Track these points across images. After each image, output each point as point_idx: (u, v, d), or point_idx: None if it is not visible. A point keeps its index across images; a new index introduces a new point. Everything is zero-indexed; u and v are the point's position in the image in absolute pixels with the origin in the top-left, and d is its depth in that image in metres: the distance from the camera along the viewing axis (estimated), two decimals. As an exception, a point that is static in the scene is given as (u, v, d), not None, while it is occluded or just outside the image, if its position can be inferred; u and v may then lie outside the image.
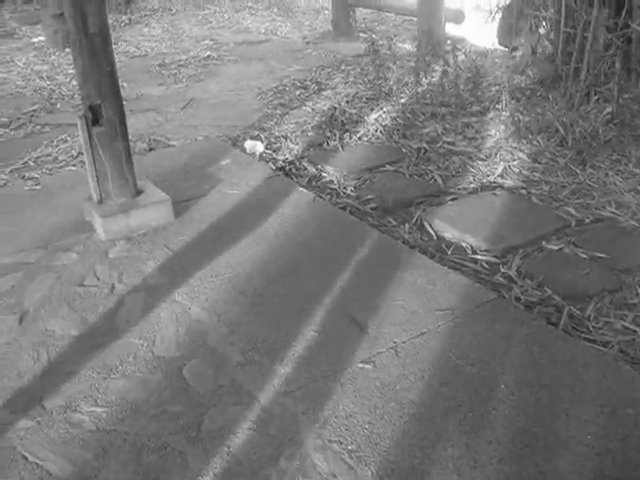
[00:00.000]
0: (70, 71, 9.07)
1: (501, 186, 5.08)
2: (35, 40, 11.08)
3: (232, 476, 2.64)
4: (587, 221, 4.56)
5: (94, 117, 4.33)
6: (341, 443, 2.76)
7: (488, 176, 5.25)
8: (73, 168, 5.80)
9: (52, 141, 6.47)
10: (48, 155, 6.16)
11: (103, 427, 2.92)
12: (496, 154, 5.61)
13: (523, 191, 5.00)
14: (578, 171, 5.24)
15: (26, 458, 2.79)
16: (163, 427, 2.90)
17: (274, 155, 5.91)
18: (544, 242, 4.29)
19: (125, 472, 2.68)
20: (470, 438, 2.76)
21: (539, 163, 5.42)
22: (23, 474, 2.71)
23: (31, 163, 6.00)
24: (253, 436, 2.82)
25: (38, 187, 5.40)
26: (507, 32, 8.15)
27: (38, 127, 7.00)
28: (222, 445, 2.79)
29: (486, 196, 4.95)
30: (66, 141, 6.44)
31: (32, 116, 7.33)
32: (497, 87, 6.88)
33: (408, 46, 9.13)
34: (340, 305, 3.66)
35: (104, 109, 4.34)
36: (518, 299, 3.77)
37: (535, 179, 5.16)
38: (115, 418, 2.96)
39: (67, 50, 10.03)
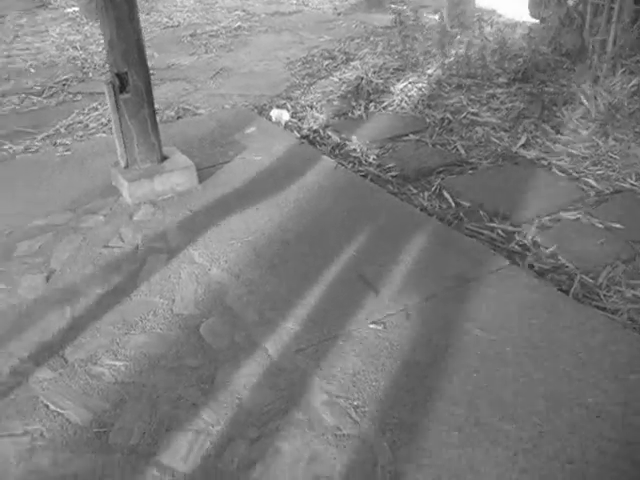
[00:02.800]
0: (102, 41, 9.18)
1: (523, 157, 5.12)
2: (69, 10, 11.20)
3: (242, 426, 2.75)
4: (606, 192, 4.60)
5: (121, 84, 4.43)
6: (347, 399, 2.86)
7: (510, 147, 5.28)
8: (103, 135, 5.93)
9: (83, 109, 6.60)
10: (79, 122, 6.29)
11: (122, 379, 3.05)
12: (520, 125, 5.64)
13: (544, 162, 5.03)
14: (600, 143, 5.26)
15: (47, 406, 2.92)
16: (178, 380, 3.02)
17: (299, 124, 6.00)
18: (561, 212, 4.34)
19: (140, 421, 2.81)
20: (472, 397, 2.84)
21: (562, 135, 5.44)
22: (44, 421, 2.84)
23: (62, 130, 6.13)
24: (263, 390, 2.93)
25: (69, 153, 5.52)
26: (538, 3, 8.13)
27: (70, 95, 7.13)
28: (233, 397, 2.90)
29: (507, 166, 5.00)
30: (97, 109, 6.57)
31: (65, 85, 7.47)
32: (524, 59, 6.87)
33: (437, 17, 9.13)
34: (356, 269, 3.76)
35: (130, 77, 4.44)
36: (531, 267, 3.84)
37: (557, 150, 5.19)
38: (133, 371, 3.09)
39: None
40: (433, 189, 4.72)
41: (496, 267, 3.71)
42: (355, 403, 2.84)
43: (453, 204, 4.53)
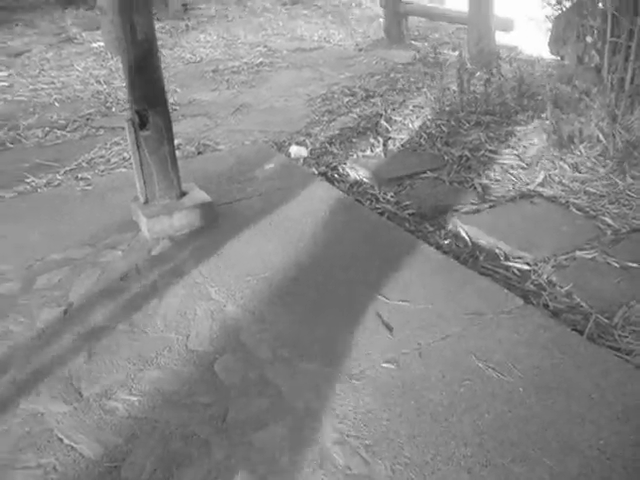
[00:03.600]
0: (126, 76, 9.31)
1: (540, 195, 5.13)
2: (94, 45, 11.37)
3: (253, 464, 2.76)
4: (623, 231, 4.58)
5: (141, 121, 4.50)
6: (358, 438, 2.87)
7: (528, 184, 5.30)
8: (124, 170, 6.00)
9: (106, 143, 6.69)
10: (101, 157, 6.38)
11: (135, 414, 3.07)
12: (537, 163, 5.66)
13: (562, 200, 5.04)
14: (618, 181, 5.26)
15: (61, 440, 2.96)
16: (191, 417, 3.04)
17: (318, 160, 6.05)
18: (578, 251, 4.34)
19: (152, 456, 2.83)
20: (483, 438, 2.84)
21: (580, 172, 5.45)
22: (58, 455, 2.88)
23: (84, 164, 6.22)
24: (275, 428, 2.95)
25: (90, 187, 5.60)
26: (557, 41, 8.16)
27: (93, 130, 7.23)
28: (245, 435, 2.92)
29: (524, 204, 5.01)
30: (119, 144, 6.65)
31: (88, 119, 7.58)
32: (542, 96, 6.90)
33: (456, 54, 9.19)
34: (371, 306, 3.77)
35: (151, 114, 4.51)
36: (546, 306, 3.84)
37: (575, 188, 5.20)
38: (147, 407, 3.12)
39: (122, 54, 10.29)
40: (449, 227, 4.73)
41: (510, 307, 3.71)
42: (366, 442, 2.85)
43: (470, 243, 4.55)
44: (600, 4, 6.90)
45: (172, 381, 3.28)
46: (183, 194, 4.84)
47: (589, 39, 7.04)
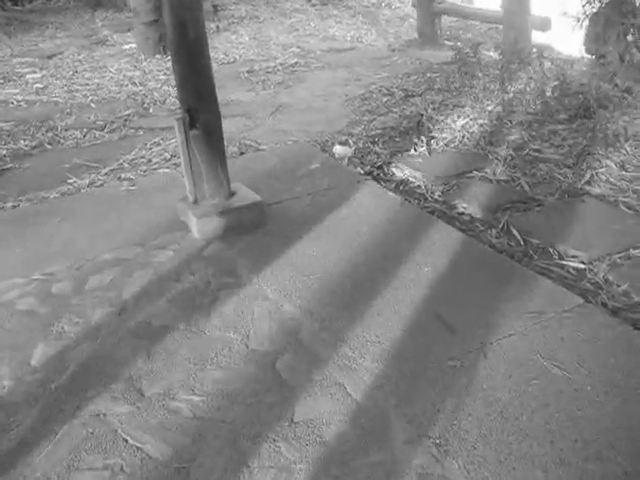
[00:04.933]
0: (161, 77, 9.34)
1: (588, 193, 5.08)
2: (126, 47, 11.38)
3: (323, 465, 2.73)
4: (676, 229, 4.54)
5: (191, 120, 4.48)
6: (429, 437, 2.84)
7: (575, 183, 5.24)
8: (166, 170, 5.99)
9: (146, 144, 6.68)
10: (142, 157, 6.37)
11: (200, 415, 3.05)
12: (583, 162, 5.60)
13: (610, 199, 4.98)
14: (667, 179, 5.21)
15: (126, 440, 2.94)
16: (257, 416, 3.02)
17: (362, 160, 6.02)
18: (632, 250, 4.28)
19: (221, 457, 2.81)
20: (555, 437, 2.80)
21: (627, 171, 5.39)
22: (124, 455, 2.86)
23: (126, 165, 6.21)
24: (344, 428, 2.92)
25: (134, 188, 5.59)
26: (594, 40, 8.10)
27: (132, 130, 7.23)
28: (314, 434, 2.89)
29: (573, 203, 4.96)
30: (159, 144, 6.64)
31: (126, 120, 7.57)
32: (584, 95, 6.84)
33: (493, 54, 9.10)
34: (430, 306, 3.74)
35: (201, 113, 4.50)
36: (604, 305, 3.79)
37: (623, 187, 5.14)
38: (211, 407, 3.10)
39: (158, 56, 10.31)
40: (500, 226, 4.69)
41: (570, 305, 3.66)
42: (437, 441, 2.81)
43: (522, 241, 4.50)
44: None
45: (234, 381, 3.25)
46: (232, 194, 4.82)
47: (630, 37, 6.98)
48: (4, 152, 6.73)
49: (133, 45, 11.24)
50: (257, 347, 3.48)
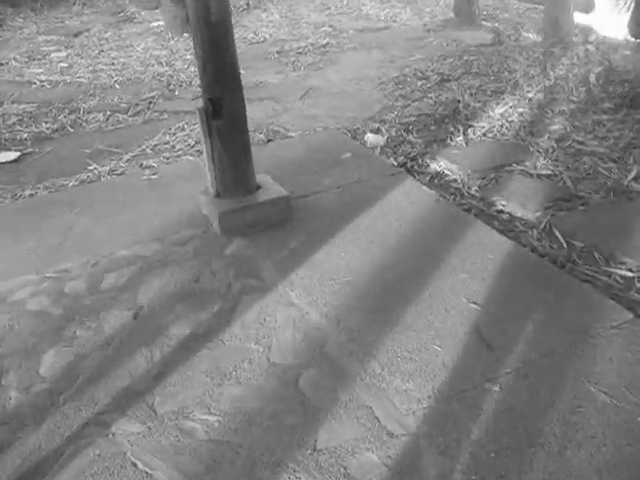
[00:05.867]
0: (188, 57, 9.10)
1: (636, 191, 4.76)
2: (154, 25, 11.15)
3: (349, 501, 2.49)
4: None
5: (214, 109, 4.22)
6: (464, 473, 2.57)
7: (621, 180, 4.92)
8: (190, 158, 5.76)
9: (170, 129, 6.46)
10: (166, 143, 6.15)
11: (215, 437, 2.82)
12: (630, 156, 5.27)
13: (660, 197, 4.67)
14: None
15: (135, 465, 2.72)
16: (277, 441, 2.77)
17: (395, 150, 5.73)
18: (685, 255, 3.99)
19: (237, 488, 2.57)
20: (603, 474, 2.54)
21: (677, 167, 5.07)
22: (133, 483, 2.63)
23: (149, 151, 5.99)
24: (371, 458, 2.66)
25: (155, 177, 5.36)
26: (639, 22, 7.75)
27: (156, 114, 7.01)
28: (338, 464, 2.64)
29: (620, 202, 4.64)
30: (184, 129, 6.42)
31: (150, 103, 7.36)
32: (630, 83, 6.50)
33: (533, 36, 8.78)
34: (466, 318, 3.46)
35: (224, 102, 4.23)
36: (656, 319, 3.50)
37: (674, 185, 4.83)
38: (228, 428, 2.86)
39: (185, 35, 10.07)
40: (542, 226, 4.39)
41: (619, 321, 3.37)
42: (473, 478, 2.55)
43: (565, 244, 4.20)
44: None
45: (254, 399, 3.01)
46: (257, 187, 4.57)
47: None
48: (25, 135, 6.56)
49: (161, 23, 11.01)
50: (279, 360, 3.23)
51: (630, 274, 3.88)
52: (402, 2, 12.17)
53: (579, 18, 8.77)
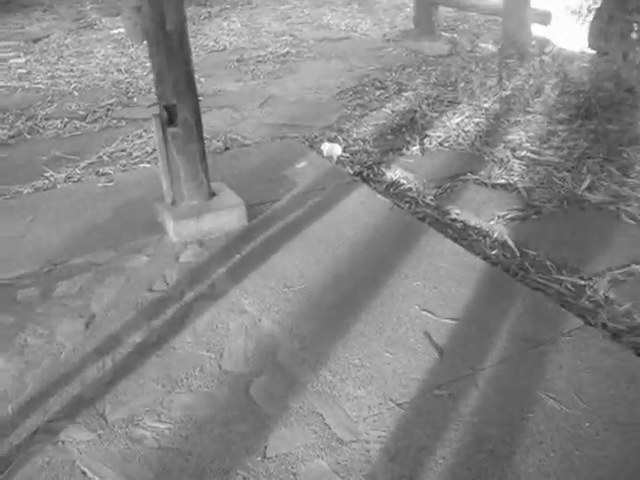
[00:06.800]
0: (148, 64, 9.01)
1: (588, 201, 4.82)
2: (114, 32, 11.09)
3: (297, 508, 2.50)
4: (681, 243, 4.29)
5: (169, 117, 4.22)
6: (412, 479, 2.59)
7: (574, 189, 4.98)
8: (147, 165, 5.74)
9: (127, 136, 6.43)
10: (123, 150, 6.12)
11: (165, 445, 2.81)
12: (583, 165, 5.34)
13: (612, 207, 4.73)
14: (672, 186, 4.96)
15: (84, 473, 2.71)
16: (227, 449, 2.77)
17: (351, 159, 5.75)
18: (634, 265, 4.04)
19: (186, 497, 2.57)
20: (551, 480, 2.58)
21: (629, 177, 5.14)
22: (81, 491, 2.62)
23: (106, 158, 5.96)
24: (321, 464, 2.67)
25: (111, 184, 5.34)
26: (598, 36, 7.86)
27: (114, 121, 6.96)
28: (287, 473, 2.65)
29: (573, 211, 4.71)
30: (141, 136, 6.39)
31: (109, 110, 7.31)
32: (585, 94, 6.59)
33: (491, 47, 8.86)
34: (418, 325, 3.49)
35: (179, 109, 4.23)
36: (604, 326, 3.54)
37: (624, 194, 4.88)
38: (178, 436, 2.85)
39: (145, 43, 9.99)
40: (495, 235, 4.44)
41: (569, 327, 3.42)
42: (422, 484, 2.58)
43: (517, 253, 4.25)
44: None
45: (205, 406, 3.01)
46: (213, 195, 4.57)
47: (634, 35, 6.74)
48: (-19, 142, 6.48)
49: (122, 30, 10.95)
50: (231, 368, 3.23)
51: (581, 282, 3.93)
52: (363, 12, 12.21)
53: (537, 30, 8.85)
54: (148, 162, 5.80)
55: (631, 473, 2.59)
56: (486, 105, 6.69)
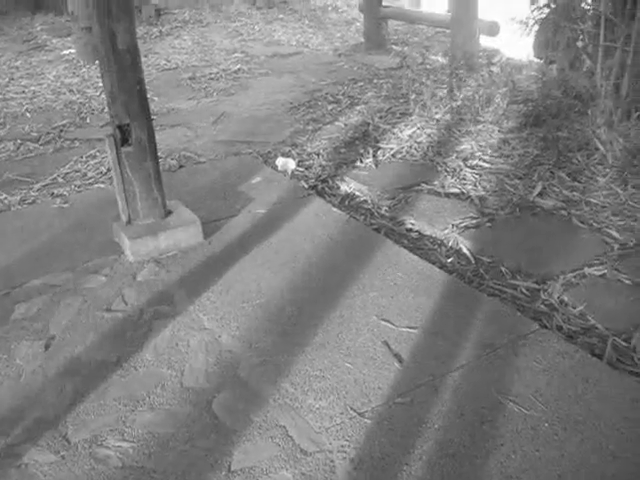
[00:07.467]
0: (100, 84, 8.99)
1: (540, 206, 4.91)
2: (65, 52, 11.04)
3: (264, 520, 2.52)
4: (630, 244, 4.37)
5: (123, 137, 4.23)
6: (377, 486, 2.63)
7: (526, 196, 5.07)
8: (102, 185, 5.72)
9: (81, 157, 6.41)
10: (77, 171, 6.09)
11: (130, 464, 2.80)
12: (534, 172, 5.43)
13: (563, 212, 4.82)
14: (619, 190, 5.06)
15: (49, 497, 2.70)
16: (191, 464, 2.78)
17: (306, 173, 5.79)
18: (586, 267, 4.12)
19: (151, 515, 2.57)
20: (513, 482, 2.62)
21: (579, 182, 5.24)
22: (45, 515, 2.61)
23: (60, 179, 5.93)
24: (285, 476, 2.69)
25: (66, 205, 5.31)
26: (544, 45, 7.97)
27: (67, 142, 6.93)
28: (254, 485, 2.67)
29: (526, 217, 4.79)
30: (95, 157, 6.37)
31: (62, 131, 7.28)
32: (533, 102, 6.70)
33: (441, 59, 8.97)
34: (376, 335, 3.53)
35: (133, 129, 4.25)
36: (560, 328, 3.62)
37: (575, 199, 4.98)
38: (142, 454, 2.85)
39: (97, 63, 9.96)
40: (450, 244, 4.50)
41: (525, 331, 3.48)
42: (386, 491, 2.61)
43: (472, 260, 4.32)
44: (588, 8, 6.73)
45: (167, 424, 3.01)
46: (168, 213, 4.58)
47: (580, 43, 6.85)
48: None
49: (73, 51, 10.91)
50: (192, 384, 3.24)
51: (535, 286, 4.00)
52: (313, 28, 12.31)
53: (485, 41, 8.99)
54: (103, 182, 5.78)
55: (590, 470, 2.64)
56: (437, 116, 6.78)
